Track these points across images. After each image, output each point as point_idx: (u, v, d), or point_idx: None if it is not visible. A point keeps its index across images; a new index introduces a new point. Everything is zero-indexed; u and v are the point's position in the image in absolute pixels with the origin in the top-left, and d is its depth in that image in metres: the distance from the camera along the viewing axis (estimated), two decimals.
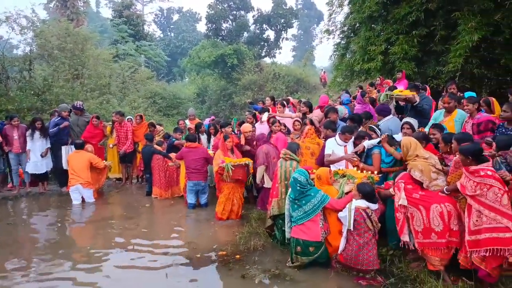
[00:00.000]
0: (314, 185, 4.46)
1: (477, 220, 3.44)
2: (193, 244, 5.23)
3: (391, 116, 6.19)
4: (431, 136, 4.75)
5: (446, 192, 3.89)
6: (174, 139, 8.34)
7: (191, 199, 6.97)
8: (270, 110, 7.90)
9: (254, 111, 9.05)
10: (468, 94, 5.94)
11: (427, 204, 3.82)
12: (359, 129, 5.70)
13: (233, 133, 7.52)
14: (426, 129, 5.21)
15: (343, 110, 7.21)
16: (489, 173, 3.44)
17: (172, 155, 7.63)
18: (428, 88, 5.59)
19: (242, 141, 7.13)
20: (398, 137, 5.20)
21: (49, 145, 8.18)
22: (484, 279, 3.55)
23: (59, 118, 8.34)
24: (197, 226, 6.23)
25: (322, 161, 5.46)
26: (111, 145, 8.83)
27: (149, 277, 4.32)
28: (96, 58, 16.09)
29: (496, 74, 8.43)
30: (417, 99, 5.92)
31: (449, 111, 5.44)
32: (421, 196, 3.89)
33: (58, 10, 24.12)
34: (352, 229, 4.07)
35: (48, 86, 12.70)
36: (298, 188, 4.31)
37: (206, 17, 26.73)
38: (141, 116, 9.42)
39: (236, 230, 5.70)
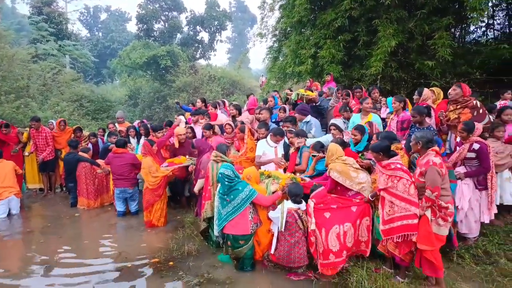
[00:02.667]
0: (241, 179, 4.49)
1: (389, 210, 3.78)
2: (124, 254, 4.98)
3: (309, 117, 6.43)
4: (352, 137, 5.07)
5: (371, 199, 4.21)
6: (109, 143, 7.88)
7: (119, 206, 6.65)
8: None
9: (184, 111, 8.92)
10: (389, 99, 6.39)
11: (328, 226, 4.08)
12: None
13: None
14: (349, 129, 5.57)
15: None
16: (398, 166, 3.82)
17: (101, 161, 7.21)
18: (408, 101, 6.06)
19: (176, 144, 6.95)
20: (326, 138, 5.48)
21: None
22: (400, 264, 3.89)
23: None
24: (127, 235, 5.95)
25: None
26: (27, 153, 8.09)
27: None
28: (11, 58, 14.59)
29: (412, 77, 9.21)
30: (317, 100, 6.75)
31: (365, 114, 5.86)
32: (330, 216, 4.13)
33: None
34: (283, 230, 4.17)
35: None
36: (226, 182, 4.32)
37: (137, 17, 25.66)
38: (64, 122, 8.74)
39: (170, 236, 5.54)
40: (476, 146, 4.38)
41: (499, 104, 6.25)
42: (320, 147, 5.09)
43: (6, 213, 6.86)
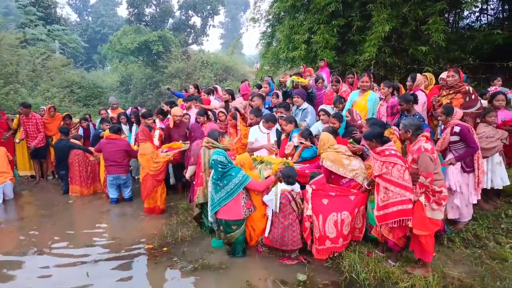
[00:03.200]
0: (235, 165, 4.50)
1: (383, 196, 3.80)
2: (118, 240, 4.99)
3: (307, 104, 6.42)
4: (331, 125, 5.07)
5: (368, 188, 4.24)
6: (100, 130, 7.79)
7: (112, 193, 6.61)
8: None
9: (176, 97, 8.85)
10: None
11: (326, 213, 4.12)
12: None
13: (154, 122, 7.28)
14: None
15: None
16: (392, 152, 3.83)
17: (92, 149, 7.16)
18: (401, 87, 6.07)
19: (171, 124, 6.90)
20: (316, 126, 5.50)
21: None
22: (393, 248, 3.94)
23: None
24: (121, 221, 5.95)
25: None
26: (17, 140, 7.97)
27: (68, 279, 4.00)
28: None
29: (405, 62, 9.20)
30: (309, 87, 6.72)
31: (363, 90, 5.88)
32: (327, 203, 4.16)
33: None
34: (278, 212, 4.20)
35: None
36: (220, 169, 4.32)
37: (127, 1, 25.14)
38: (54, 108, 8.60)
39: (164, 222, 5.55)
40: (457, 128, 4.41)
41: (491, 90, 6.29)
42: (308, 134, 5.10)
43: (1, 199, 6.85)
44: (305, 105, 6.32)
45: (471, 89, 4.99)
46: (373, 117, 5.46)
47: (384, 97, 5.62)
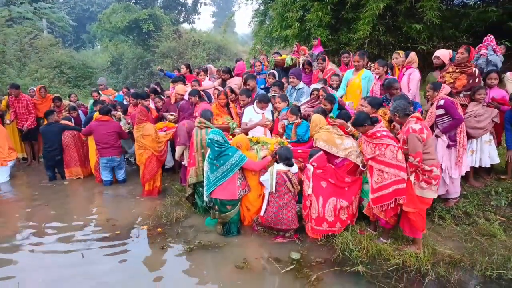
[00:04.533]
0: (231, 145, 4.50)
1: (378, 179, 3.84)
2: (112, 221, 5.01)
3: (302, 84, 6.40)
4: (323, 107, 5.04)
5: (363, 169, 4.27)
6: (95, 111, 7.63)
7: (106, 176, 6.56)
8: (186, 79, 7.72)
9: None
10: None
11: (326, 196, 4.14)
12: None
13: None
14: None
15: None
16: (384, 133, 3.85)
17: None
18: (395, 65, 6.01)
19: (172, 100, 6.94)
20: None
21: None
22: (384, 226, 4.01)
23: None
24: (116, 203, 5.95)
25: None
26: (8, 121, 7.83)
27: (63, 260, 4.04)
28: None
29: (399, 41, 9.13)
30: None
31: (357, 69, 5.86)
32: (326, 186, 4.17)
33: None
34: (274, 192, 4.23)
35: None
36: (216, 148, 4.33)
37: None
38: (45, 88, 8.44)
39: (158, 204, 5.57)
40: (441, 102, 4.42)
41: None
42: (298, 110, 5.14)
43: (9, 176, 7.22)
44: (301, 84, 6.30)
45: (477, 71, 4.93)
46: (368, 95, 5.44)
47: (378, 76, 5.59)
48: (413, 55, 5.61)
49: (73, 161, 7.09)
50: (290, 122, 5.09)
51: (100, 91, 9.02)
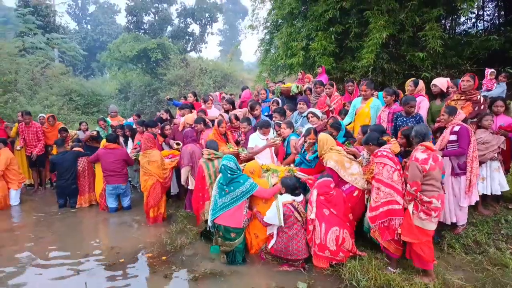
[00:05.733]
0: (243, 173, 4.49)
1: (376, 197, 3.88)
2: (116, 249, 4.97)
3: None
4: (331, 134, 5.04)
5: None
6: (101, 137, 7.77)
7: (111, 203, 6.57)
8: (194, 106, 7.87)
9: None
10: (380, 93, 6.36)
11: (328, 225, 4.08)
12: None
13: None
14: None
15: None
16: (384, 153, 3.90)
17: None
18: (401, 92, 6.11)
19: (180, 128, 7.06)
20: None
21: None
22: (391, 256, 3.94)
23: None
24: (120, 230, 5.91)
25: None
26: (18, 147, 7.96)
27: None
28: None
29: (403, 68, 9.23)
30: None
31: (365, 98, 5.88)
32: (328, 214, 4.13)
33: None
34: (283, 225, 4.17)
35: None
36: (229, 175, 4.33)
37: (126, 9, 25.28)
38: (53, 117, 8.59)
39: (162, 231, 5.53)
40: (456, 128, 4.42)
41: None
42: (339, 125, 5.19)
43: (19, 200, 7.43)
44: (310, 109, 6.32)
45: (482, 99, 4.98)
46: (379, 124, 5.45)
47: (386, 104, 5.63)
48: (421, 83, 5.67)
49: (87, 187, 7.08)
50: (308, 142, 5.03)
51: (107, 119, 9.16)
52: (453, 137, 4.44)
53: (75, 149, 7.23)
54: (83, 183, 7.05)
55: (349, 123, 5.91)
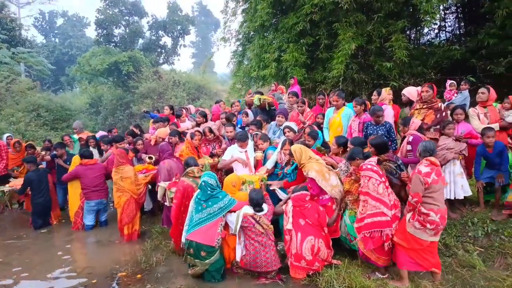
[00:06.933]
0: (222, 189, 4.50)
1: (362, 209, 3.97)
2: (88, 269, 4.81)
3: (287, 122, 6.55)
4: (307, 143, 5.14)
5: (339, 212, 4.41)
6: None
7: (90, 220, 6.37)
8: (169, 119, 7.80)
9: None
10: (350, 104, 6.51)
11: (304, 234, 4.12)
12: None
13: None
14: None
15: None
16: (369, 166, 3.99)
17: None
18: (368, 103, 6.24)
19: (152, 142, 7.01)
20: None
21: None
22: (377, 265, 4.03)
23: None
24: (93, 249, 5.73)
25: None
26: None
27: None
28: None
29: (372, 78, 9.54)
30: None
31: (337, 108, 6.06)
32: (304, 224, 4.16)
33: None
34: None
35: None
36: (209, 191, 4.29)
37: (95, 22, 24.86)
38: (19, 143, 8.15)
39: (137, 248, 5.40)
40: (410, 138, 4.66)
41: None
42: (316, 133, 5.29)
43: None
44: (287, 123, 6.36)
45: (443, 106, 5.22)
46: (357, 136, 5.52)
47: (357, 113, 5.77)
48: (384, 92, 5.86)
49: (55, 203, 6.99)
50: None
51: (73, 136, 8.82)
52: (409, 147, 4.65)
53: (40, 166, 7.04)
54: (53, 199, 6.92)
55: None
